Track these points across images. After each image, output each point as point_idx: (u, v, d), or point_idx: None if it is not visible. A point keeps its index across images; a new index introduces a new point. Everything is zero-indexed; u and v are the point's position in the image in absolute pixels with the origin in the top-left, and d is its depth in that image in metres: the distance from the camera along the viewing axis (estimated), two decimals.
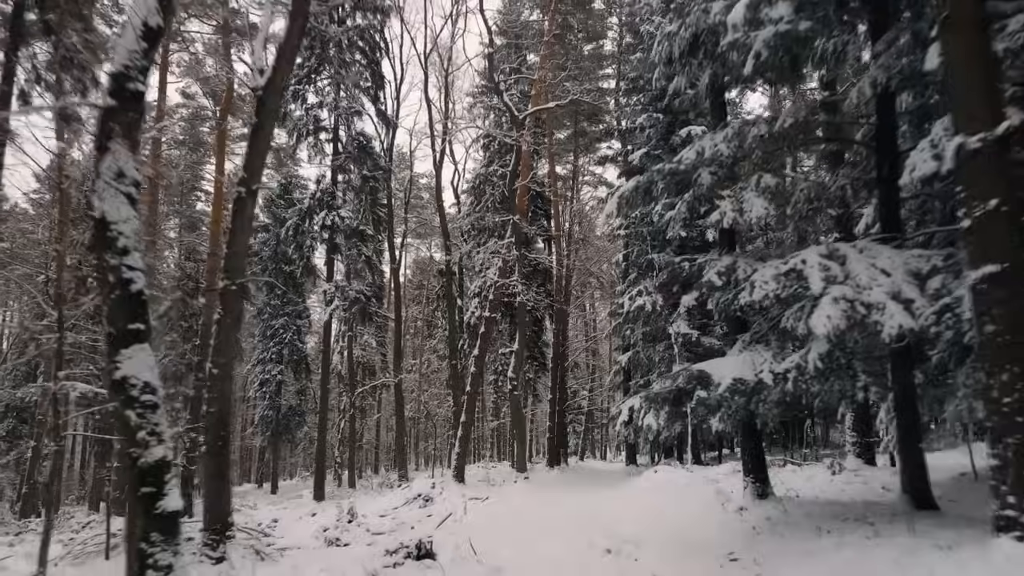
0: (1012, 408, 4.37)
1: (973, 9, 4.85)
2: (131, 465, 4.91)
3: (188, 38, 19.65)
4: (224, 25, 18.39)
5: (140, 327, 5.15)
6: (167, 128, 18.58)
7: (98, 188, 5.28)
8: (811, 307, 6.26)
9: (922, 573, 4.58)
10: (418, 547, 6.83)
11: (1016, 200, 4.56)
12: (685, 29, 7.75)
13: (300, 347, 27.86)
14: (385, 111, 18.76)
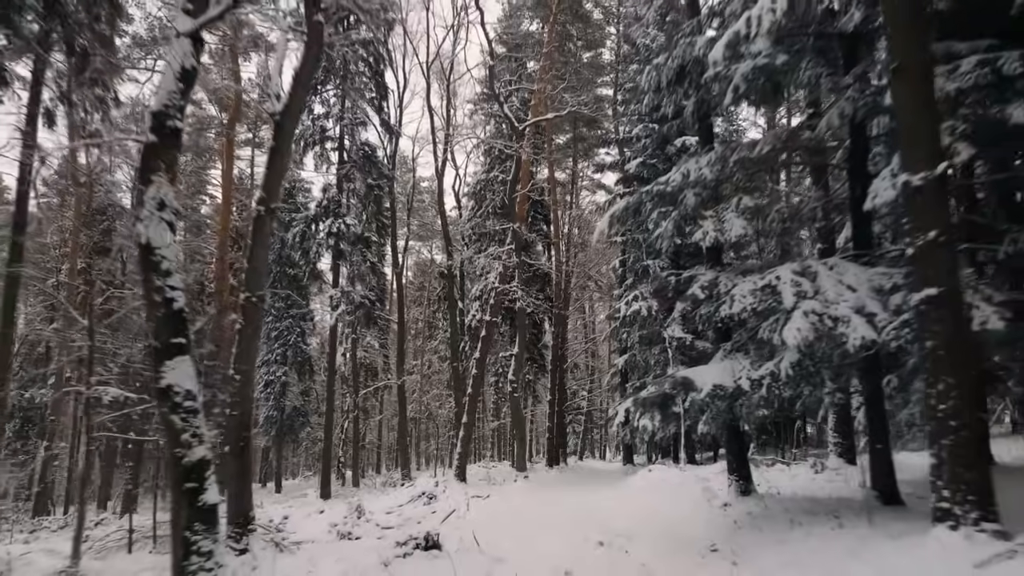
0: (946, 414, 5.06)
1: (920, 60, 5.52)
2: (176, 463, 5.62)
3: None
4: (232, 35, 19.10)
5: (182, 341, 5.85)
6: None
7: (143, 216, 5.99)
8: (784, 320, 6.94)
9: (870, 557, 5.28)
10: (426, 539, 7.53)
11: (953, 231, 5.25)
12: (672, 60, 8.44)
13: (304, 349, 28.54)
14: (388, 120, 19.45)
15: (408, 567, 6.89)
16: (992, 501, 5.00)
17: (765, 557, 6.52)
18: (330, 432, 19.64)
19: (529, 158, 17.85)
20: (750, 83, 7.76)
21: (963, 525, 4.87)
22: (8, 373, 11.00)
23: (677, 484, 12.35)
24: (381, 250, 21.70)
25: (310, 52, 8.94)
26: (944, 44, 7.21)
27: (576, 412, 30.66)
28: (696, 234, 8.05)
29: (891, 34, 5.73)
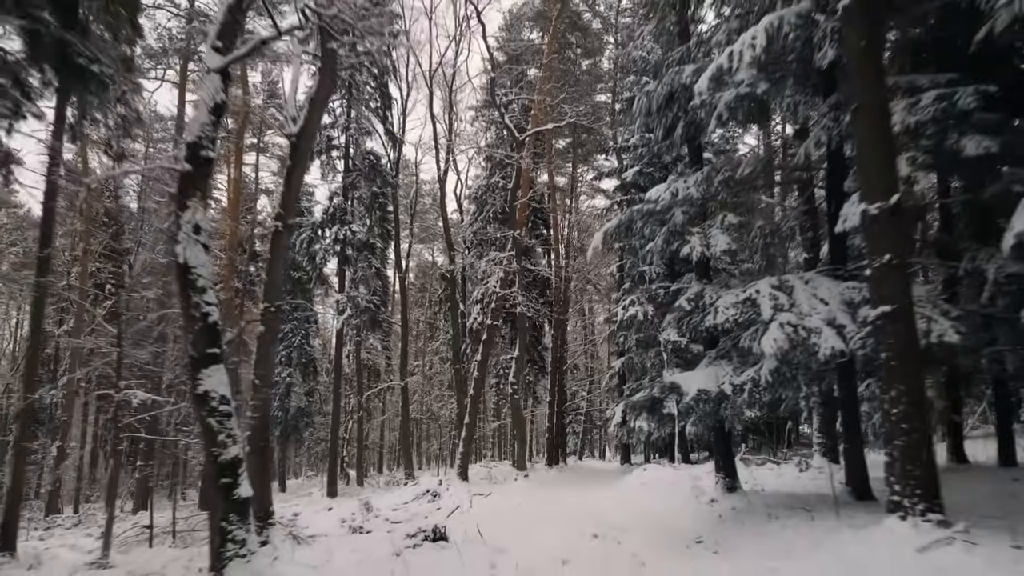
0: (898, 417, 5.75)
1: (877, 102, 6.20)
2: (212, 461, 6.32)
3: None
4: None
5: (216, 351, 6.55)
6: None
7: (180, 238, 6.68)
8: (763, 330, 7.64)
9: (832, 546, 5.96)
10: (434, 531, 8.23)
11: (905, 255, 5.94)
12: (662, 87, 9.12)
13: (308, 350, 29.24)
14: (392, 130, 20.15)
15: (418, 556, 7.58)
16: (938, 495, 5.69)
17: (743, 547, 7.21)
18: (336, 432, 20.35)
19: (529, 167, 18.53)
20: (733, 110, 8.45)
21: (911, 516, 5.57)
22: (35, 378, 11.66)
23: (670, 482, 13.04)
24: (384, 254, 22.40)
25: (325, 78, 9.63)
26: (909, 77, 7.91)
27: (575, 412, 31.36)
28: (684, 249, 8.74)
29: (852, 77, 6.41)
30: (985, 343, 7.85)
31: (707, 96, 8.30)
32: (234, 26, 7.58)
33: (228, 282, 20.98)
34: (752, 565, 6.32)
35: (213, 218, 32.58)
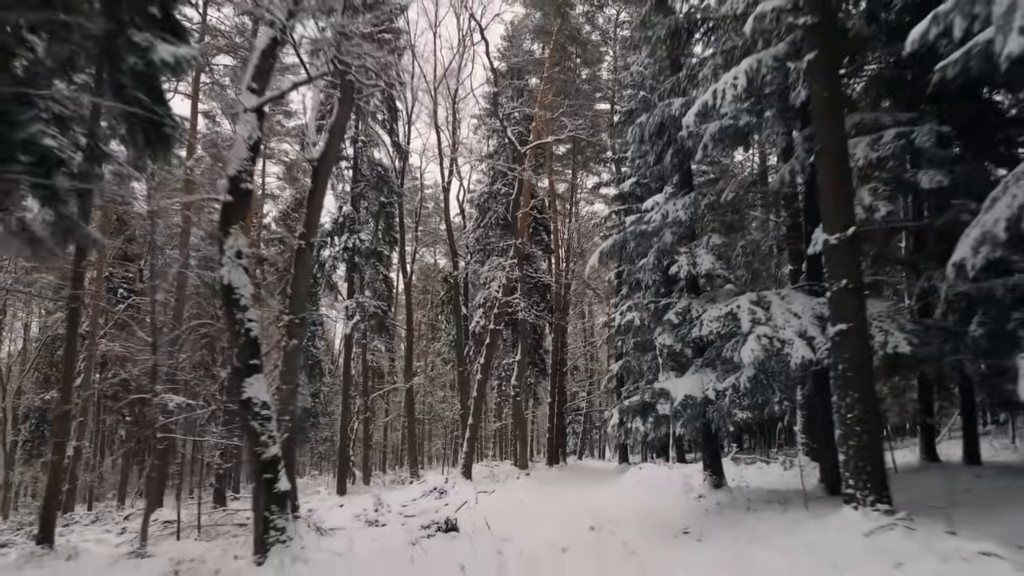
0: (852, 421, 6.71)
1: (838, 144, 7.15)
2: (255, 459, 7.29)
3: (217, 70, 21.94)
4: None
5: (257, 362, 7.51)
6: (202, 158, 20.86)
7: (224, 263, 7.64)
8: (742, 342, 8.60)
9: (797, 533, 6.93)
10: (445, 523, 9.19)
11: (860, 279, 6.89)
12: (653, 118, 10.08)
13: (314, 352, 30.23)
14: (399, 141, 21.12)
15: (432, 544, 8.53)
16: (886, 488, 6.65)
17: (723, 535, 8.18)
18: (345, 432, 21.31)
19: (531, 179, 19.48)
20: (718, 140, 9.42)
21: (862, 506, 6.53)
22: (72, 384, 12.61)
23: (663, 480, 14.04)
24: (389, 260, 23.36)
25: (344, 108, 10.58)
26: (875, 114, 8.88)
27: (575, 413, 32.36)
28: (672, 268, 9.68)
29: (817, 122, 7.37)
30: (943, 353, 8.80)
31: (694, 128, 9.25)
32: (267, 69, 8.54)
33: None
34: (728, 550, 7.28)
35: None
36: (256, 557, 7.13)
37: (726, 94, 8.55)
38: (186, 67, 4.77)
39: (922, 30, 5.25)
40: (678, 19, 10.43)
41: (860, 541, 6.03)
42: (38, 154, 4.51)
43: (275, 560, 6.91)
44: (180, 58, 4.59)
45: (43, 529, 12.08)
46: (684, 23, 10.48)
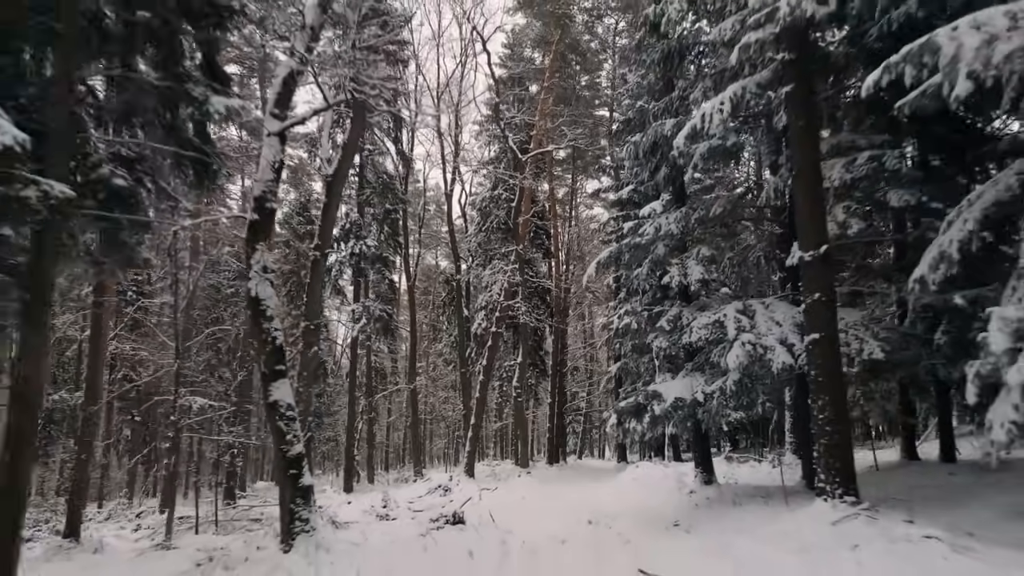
0: (824, 421, 7.47)
1: (812, 169, 7.91)
2: (282, 456, 8.05)
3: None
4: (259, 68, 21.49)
5: (282, 368, 8.27)
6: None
7: (251, 276, 8.39)
8: (728, 347, 9.35)
9: (773, 522, 7.70)
10: (453, 516, 9.96)
11: (832, 292, 7.65)
12: (646, 138, 10.83)
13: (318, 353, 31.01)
14: (403, 150, 21.87)
15: (441, 535, 9.29)
16: (853, 482, 7.41)
17: (710, 527, 8.94)
18: (351, 432, 22.08)
19: (531, 187, 20.24)
20: (707, 159, 10.18)
21: (831, 498, 7.29)
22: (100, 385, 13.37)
23: (658, 478, 14.80)
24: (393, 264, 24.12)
25: (356, 127, 11.34)
26: (851, 137, 9.63)
27: (575, 413, 33.14)
28: (664, 279, 10.44)
29: (792, 148, 8.12)
30: (917, 359, 9.56)
31: (684, 148, 9.99)
32: (288, 96, 9.27)
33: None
34: (713, 539, 8.03)
35: (226, 225, 34.48)
36: (283, 546, 7.90)
37: (713, 118, 9.29)
38: (234, 116, 5.52)
39: (875, 78, 6.00)
40: (671, 43, 11.19)
41: (828, 529, 6.79)
42: (109, 192, 5.26)
43: (301, 548, 7.67)
44: (230, 108, 5.35)
45: (69, 524, 12.87)
46: (676, 47, 11.25)
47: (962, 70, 5.70)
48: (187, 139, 5.52)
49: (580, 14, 25.36)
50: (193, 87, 5.31)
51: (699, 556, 7.36)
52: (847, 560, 5.67)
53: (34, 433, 5.19)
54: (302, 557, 7.38)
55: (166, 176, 5.94)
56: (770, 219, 11.93)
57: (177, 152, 5.51)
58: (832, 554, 5.93)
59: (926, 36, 5.78)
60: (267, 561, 7.63)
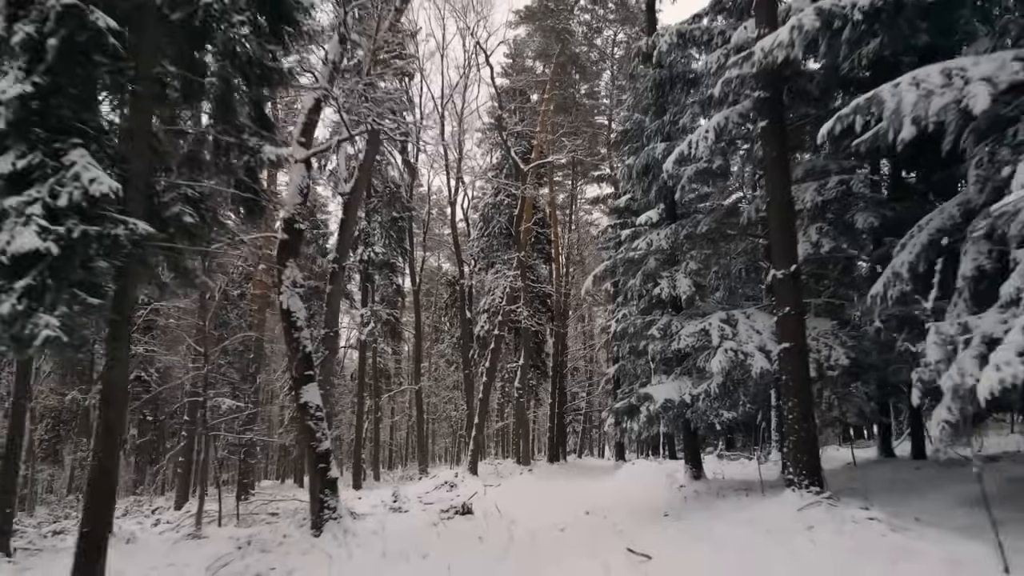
0: (792, 420, 8.53)
1: (783, 196, 8.95)
2: (312, 452, 9.11)
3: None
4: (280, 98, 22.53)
5: (311, 373, 9.34)
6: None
7: (283, 291, 9.46)
8: (713, 353, 10.41)
9: (748, 510, 8.75)
10: (462, 507, 11.04)
11: (800, 306, 8.71)
12: (639, 160, 11.88)
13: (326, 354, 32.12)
14: (409, 159, 22.93)
15: (452, 524, 10.37)
16: (818, 473, 8.46)
17: (694, 515, 10.01)
18: (361, 431, 23.17)
19: (533, 196, 21.30)
20: (694, 181, 11.24)
21: (798, 489, 8.34)
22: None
23: (652, 474, 15.87)
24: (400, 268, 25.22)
25: (370, 149, 12.40)
26: (823, 162, 10.69)
27: (575, 413, 34.24)
28: (655, 290, 11.50)
29: (766, 178, 9.18)
30: (882, 364, 10.60)
31: (673, 172, 11.05)
32: (312, 126, 10.36)
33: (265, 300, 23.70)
34: (696, 525, 9.09)
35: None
36: (313, 531, 8.97)
37: (699, 145, 10.35)
38: (283, 163, 6.57)
39: (829, 128, 7.05)
40: (662, 72, 12.25)
41: (792, 514, 7.84)
42: (177, 226, 6.33)
43: (330, 532, 8.74)
44: (280, 156, 6.40)
45: None
46: (668, 75, 12.30)
47: (906, 119, 6.76)
48: (241, 180, 6.57)
49: (579, 27, 26.40)
50: (248, 138, 6.36)
51: (682, 539, 8.41)
52: (803, 538, 6.73)
53: (121, 427, 6.25)
54: (332, 539, 8.45)
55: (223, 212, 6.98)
56: (752, 235, 13.00)
57: (233, 193, 6.56)
58: (792, 533, 6.98)
59: (872, 92, 6.84)
60: (301, 544, 8.69)
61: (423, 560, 7.53)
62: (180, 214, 6.23)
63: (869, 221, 9.59)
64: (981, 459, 10.39)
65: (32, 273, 5.50)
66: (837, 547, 6.21)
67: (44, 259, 5.50)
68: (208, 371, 12.16)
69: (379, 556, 7.70)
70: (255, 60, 6.37)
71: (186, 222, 6.21)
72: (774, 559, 6.31)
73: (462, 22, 21.12)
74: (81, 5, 5.75)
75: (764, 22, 9.22)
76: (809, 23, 7.95)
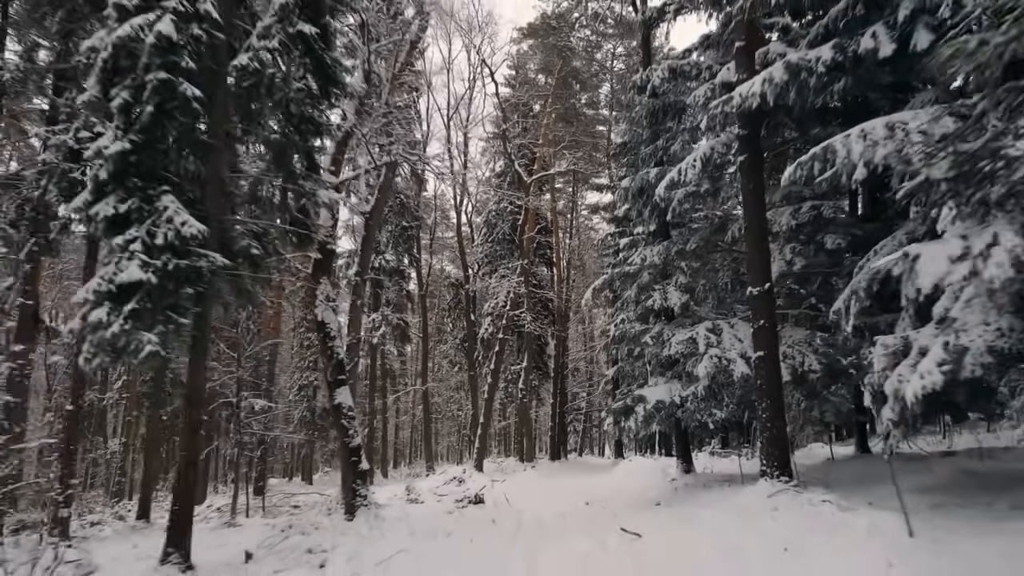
0: (766, 419, 9.90)
1: (758, 222, 10.32)
2: (345, 447, 10.49)
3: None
4: None
5: (343, 377, 10.71)
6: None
7: (318, 305, 10.82)
8: (700, 359, 11.79)
9: (728, 498, 10.14)
10: (475, 497, 12.43)
11: (773, 319, 10.08)
12: (634, 183, 13.27)
13: None
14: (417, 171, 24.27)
15: (467, 511, 11.75)
16: (789, 466, 9.84)
17: (681, 503, 11.41)
18: (371, 430, 24.56)
19: (535, 208, 22.68)
20: (684, 203, 12.61)
21: (770, 479, 9.72)
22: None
23: (647, 469, 17.29)
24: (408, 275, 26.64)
25: (389, 173, 13.74)
26: (799, 188, 12.05)
27: (576, 413, 35.66)
28: (648, 301, 12.87)
29: (744, 206, 10.55)
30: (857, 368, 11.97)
31: (665, 195, 12.43)
32: (341, 156, 11.71)
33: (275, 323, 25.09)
34: (682, 510, 10.49)
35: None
36: (347, 516, 10.36)
37: (687, 172, 11.72)
38: (333, 206, 7.93)
39: (789, 173, 8.41)
40: (655, 102, 13.61)
41: (763, 500, 9.23)
42: (245, 257, 7.72)
43: (362, 517, 10.12)
44: (331, 200, 7.77)
45: (141, 508, 15.33)
46: (660, 105, 13.66)
47: (859, 164, 8.12)
48: (296, 217, 7.94)
49: (580, 43, 27.73)
50: (303, 183, 7.72)
51: (669, 521, 9.79)
52: (768, 517, 8.11)
53: (200, 423, 7.62)
54: (365, 523, 9.83)
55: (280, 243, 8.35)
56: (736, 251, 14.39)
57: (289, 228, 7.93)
58: (760, 514, 8.37)
59: (825, 142, 8.20)
60: (336, 527, 10.05)
61: (447, 538, 8.91)
62: (248, 247, 7.60)
63: (837, 242, 10.97)
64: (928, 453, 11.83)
65: (135, 299, 6.88)
66: (793, 524, 7.58)
67: (143, 287, 6.87)
68: (241, 374, 13.53)
69: (408, 534, 9.08)
70: (307, 116, 7.73)
71: (253, 254, 7.58)
72: (742, 533, 7.69)
73: (467, 38, 22.47)
74: (173, 79, 7.11)
75: (743, 68, 10.60)
76: (779, 76, 9.34)
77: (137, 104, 7.28)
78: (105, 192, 7.25)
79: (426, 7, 14.31)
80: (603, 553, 7.93)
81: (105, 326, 6.76)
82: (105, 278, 6.91)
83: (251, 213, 8.02)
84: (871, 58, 9.28)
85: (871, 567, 5.53)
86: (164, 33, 6.99)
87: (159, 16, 7.10)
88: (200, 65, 7.48)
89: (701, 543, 7.85)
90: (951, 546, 5.79)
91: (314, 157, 8.26)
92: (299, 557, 7.84)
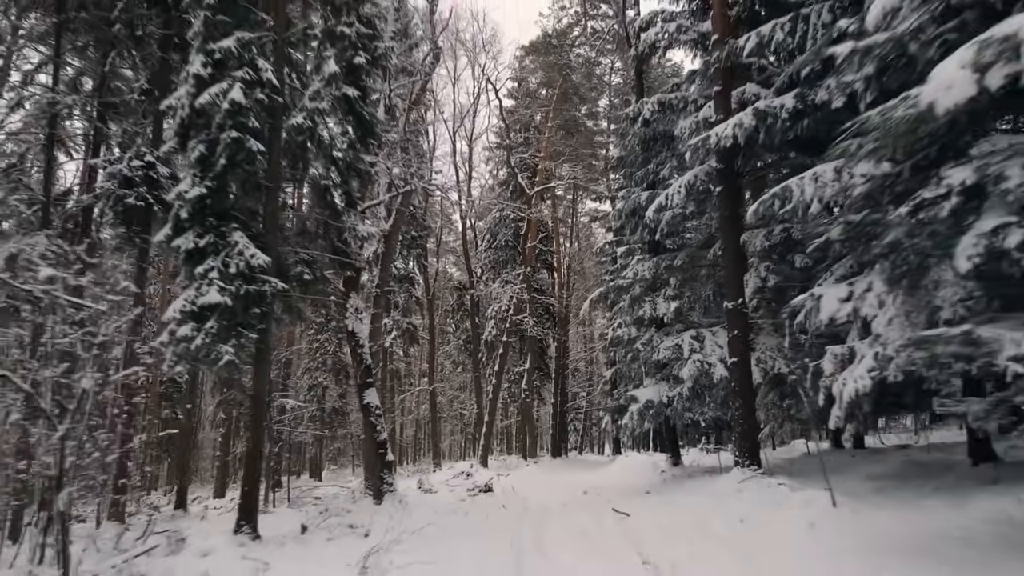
0: (738, 417, 11.60)
1: (734, 244, 12.00)
2: (372, 441, 12.17)
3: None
4: None
5: (371, 380, 12.41)
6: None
7: (348, 317, 12.52)
8: (684, 363, 13.49)
9: (707, 485, 11.84)
10: (485, 486, 14.12)
11: (746, 330, 11.78)
12: (627, 205, 14.96)
13: (341, 357, 35.17)
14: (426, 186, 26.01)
15: (478, 499, 13.45)
16: (758, 456, 11.54)
17: (668, 491, 13.12)
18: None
19: (537, 219, 24.40)
20: (671, 224, 14.31)
21: (742, 467, 11.42)
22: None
23: (641, 464, 19.01)
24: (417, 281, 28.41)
25: (406, 196, 15.42)
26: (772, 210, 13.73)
27: (576, 412, 37.41)
28: (639, 311, 14.57)
29: (720, 232, 12.23)
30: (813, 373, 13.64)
31: (653, 217, 14.11)
32: (365, 188, 13.35)
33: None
34: (667, 496, 12.21)
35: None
36: (375, 501, 12.05)
37: (674, 198, 13.40)
38: (371, 238, 9.63)
39: (755, 209, 10.09)
40: (647, 131, 15.29)
41: (734, 485, 10.93)
42: (298, 281, 9.42)
43: (389, 502, 11.83)
44: (369, 233, 9.46)
45: (178, 498, 17.01)
46: (651, 133, 15.34)
47: (812, 201, 9.80)
48: (338, 247, 9.63)
49: (576, 59, 29.40)
50: (346, 219, 9.42)
51: (655, 504, 11.52)
52: (735, 498, 9.82)
53: (264, 418, 9.31)
54: (391, 505, 11.54)
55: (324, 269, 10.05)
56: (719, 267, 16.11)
57: (334, 257, 9.63)
58: (729, 496, 10.08)
59: (783, 184, 9.87)
60: (366, 511, 11.75)
61: (466, 516, 10.61)
62: (301, 273, 9.30)
63: (804, 260, 12.64)
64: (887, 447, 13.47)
65: (214, 317, 8.57)
66: (752, 501, 9.29)
67: (220, 308, 8.57)
68: (272, 377, 15.22)
69: (432, 512, 10.79)
70: (351, 164, 9.41)
71: (304, 278, 9.28)
72: (711, 510, 9.39)
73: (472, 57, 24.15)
74: (242, 137, 8.80)
75: (721, 109, 12.29)
76: (747, 121, 11.02)
77: (211, 156, 8.96)
78: (184, 228, 8.93)
79: (439, 42, 15.92)
80: (598, 527, 9.64)
81: (190, 339, 8.45)
82: (188, 300, 8.60)
83: (300, 243, 9.71)
84: (827, 107, 10.95)
85: (798, 527, 7.24)
86: (236, 100, 8.66)
87: (231, 85, 8.78)
88: (261, 123, 9.17)
89: (678, 518, 9.56)
90: (866, 515, 7.49)
91: (352, 195, 9.95)
92: (343, 530, 9.54)
